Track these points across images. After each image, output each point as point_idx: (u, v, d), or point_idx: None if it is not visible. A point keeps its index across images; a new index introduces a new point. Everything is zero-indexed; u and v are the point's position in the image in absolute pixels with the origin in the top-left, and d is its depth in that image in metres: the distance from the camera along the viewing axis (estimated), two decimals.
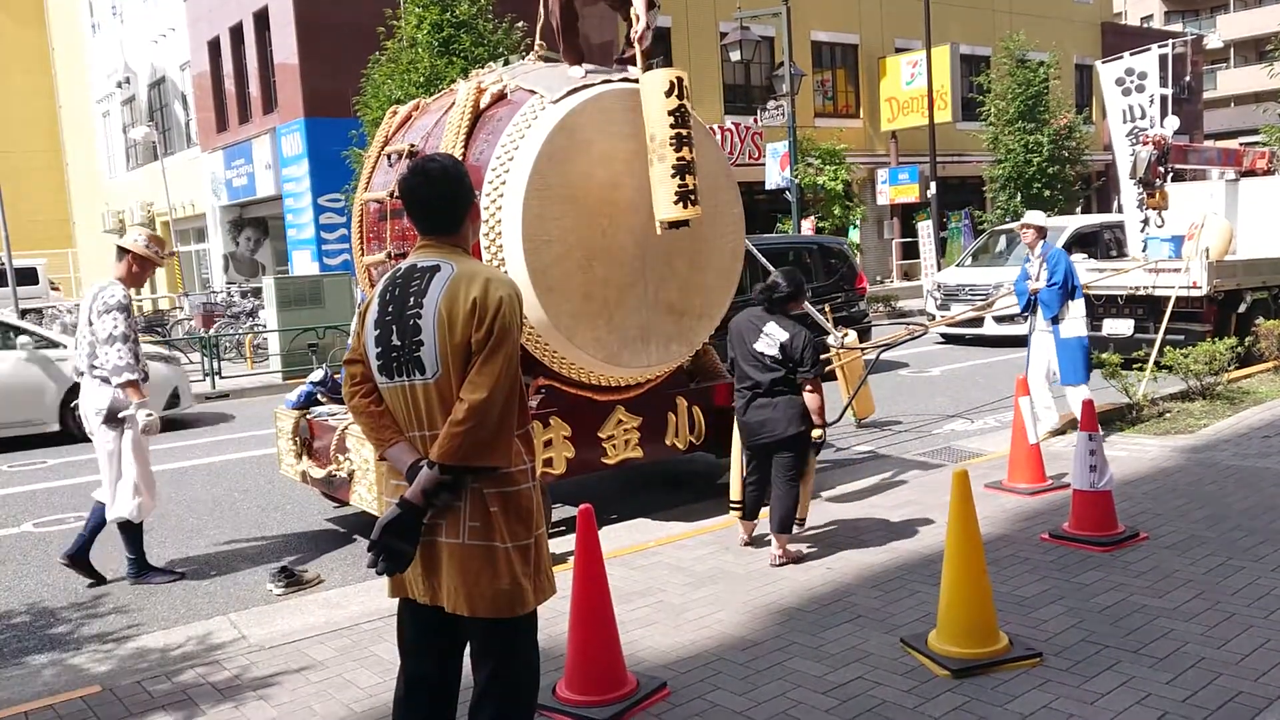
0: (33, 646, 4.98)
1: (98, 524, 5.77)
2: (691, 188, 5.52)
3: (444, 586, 2.69)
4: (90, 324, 5.58)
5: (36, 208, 37.19)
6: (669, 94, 5.51)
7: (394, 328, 2.69)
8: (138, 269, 5.72)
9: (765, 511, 5.43)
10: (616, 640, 3.78)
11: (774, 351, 5.25)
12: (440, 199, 2.77)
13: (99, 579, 5.85)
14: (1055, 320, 7.65)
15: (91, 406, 5.63)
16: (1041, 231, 7.86)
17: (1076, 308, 7.67)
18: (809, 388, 5.23)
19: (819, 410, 5.25)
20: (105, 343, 5.48)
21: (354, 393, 2.81)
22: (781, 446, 5.30)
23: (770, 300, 5.42)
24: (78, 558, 5.77)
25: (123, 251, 5.70)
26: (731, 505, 5.80)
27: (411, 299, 2.67)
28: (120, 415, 5.60)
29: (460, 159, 5.71)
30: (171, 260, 6.31)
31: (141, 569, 5.86)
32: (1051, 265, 7.62)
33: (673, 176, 5.50)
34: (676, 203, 5.49)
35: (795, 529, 5.48)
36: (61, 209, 39.95)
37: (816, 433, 5.28)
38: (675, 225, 5.62)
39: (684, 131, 5.52)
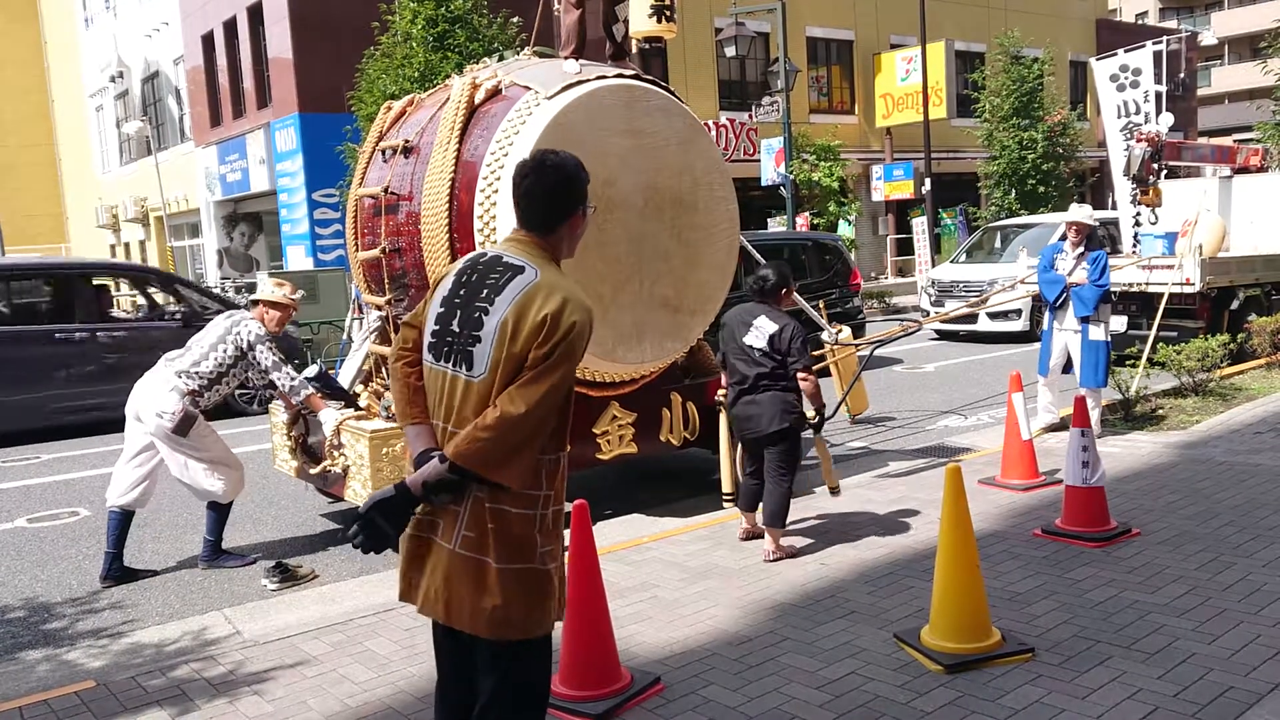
0: (27, 642, 4.98)
1: (118, 529, 5.76)
2: (670, 3, 5.30)
3: (425, 588, 2.60)
4: (221, 344, 5.73)
5: (30, 202, 37.14)
6: None
7: (459, 313, 2.59)
8: (276, 313, 5.91)
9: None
10: (610, 635, 3.79)
11: (762, 344, 5.29)
12: (546, 193, 2.64)
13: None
14: (1085, 320, 7.62)
15: (155, 407, 5.61)
16: (1086, 229, 7.81)
17: (1106, 312, 7.64)
18: (801, 376, 5.23)
19: (814, 395, 5.25)
20: (271, 370, 5.76)
21: (401, 357, 2.72)
22: (768, 442, 5.34)
23: (761, 292, 5.46)
24: (116, 574, 5.77)
25: (255, 303, 5.97)
26: (724, 498, 5.82)
27: (485, 291, 2.57)
28: (189, 418, 5.63)
29: (455, 155, 5.75)
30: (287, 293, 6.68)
31: (215, 553, 5.93)
32: (1099, 266, 7.56)
33: None
34: (651, 16, 5.26)
35: (834, 496, 5.64)
36: (55, 204, 39.87)
37: (810, 413, 5.28)
38: (650, 41, 5.43)
39: None
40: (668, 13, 5.32)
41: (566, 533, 3.18)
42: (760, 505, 5.53)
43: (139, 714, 3.85)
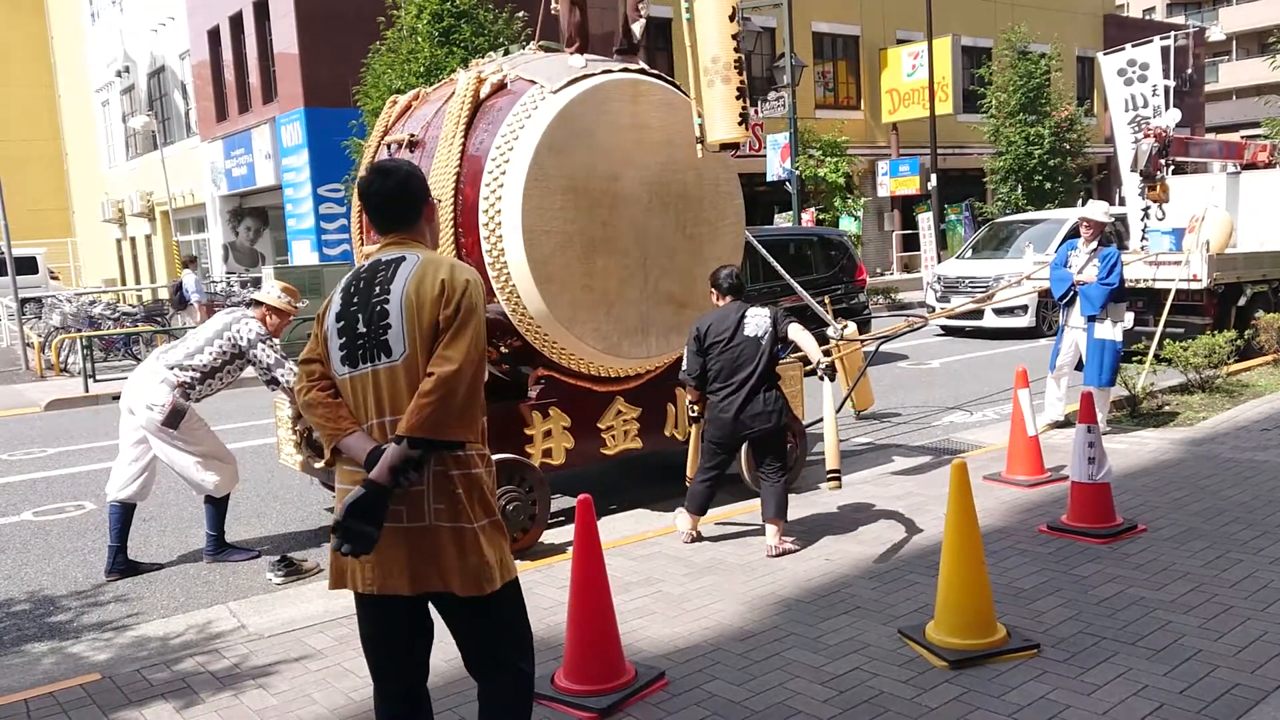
0: (33, 635, 5.00)
1: (119, 523, 5.76)
2: (748, 111, 5.59)
3: (405, 571, 2.66)
4: (218, 338, 5.76)
5: (36, 197, 37.14)
6: (731, 19, 5.54)
7: (359, 316, 2.71)
8: (276, 319, 5.95)
9: (728, 509, 5.46)
10: (615, 630, 3.79)
11: (763, 331, 5.37)
12: (396, 194, 2.82)
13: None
14: (1092, 319, 7.57)
15: (145, 399, 5.61)
16: (1100, 226, 7.76)
17: (1117, 311, 7.58)
18: (795, 329, 5.41)
19: (814, 346, 5.46)
20: (275, 366, 5.78)
21: (310, 388, 2.78)
22: (774, 438, 5.40)
23: (737, 289, 5.53)
24: (120, 568, 5.77)
25: (258, 303, 5.97)
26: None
27: (378, 288, 2.71)
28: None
29: (461, 149, 5.74)
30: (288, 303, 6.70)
31: (219, 547, 5.95)
32: (1108, 265, 7.50)
33: (737, 99, 5.51)
34: (740, 124, 5.53)
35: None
36: (61, 198, 39.91)
37: (823, 360, 5.41)
38: (727, 148, 5.65)
39: (742, 56, 5.59)
40: (749, 120, 5.61)
41: (570, 528, 3.20)
42: (706, 508, 5.65)
43: (144, 707, 3.86)
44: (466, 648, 2.84)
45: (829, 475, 5.29)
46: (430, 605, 2.80)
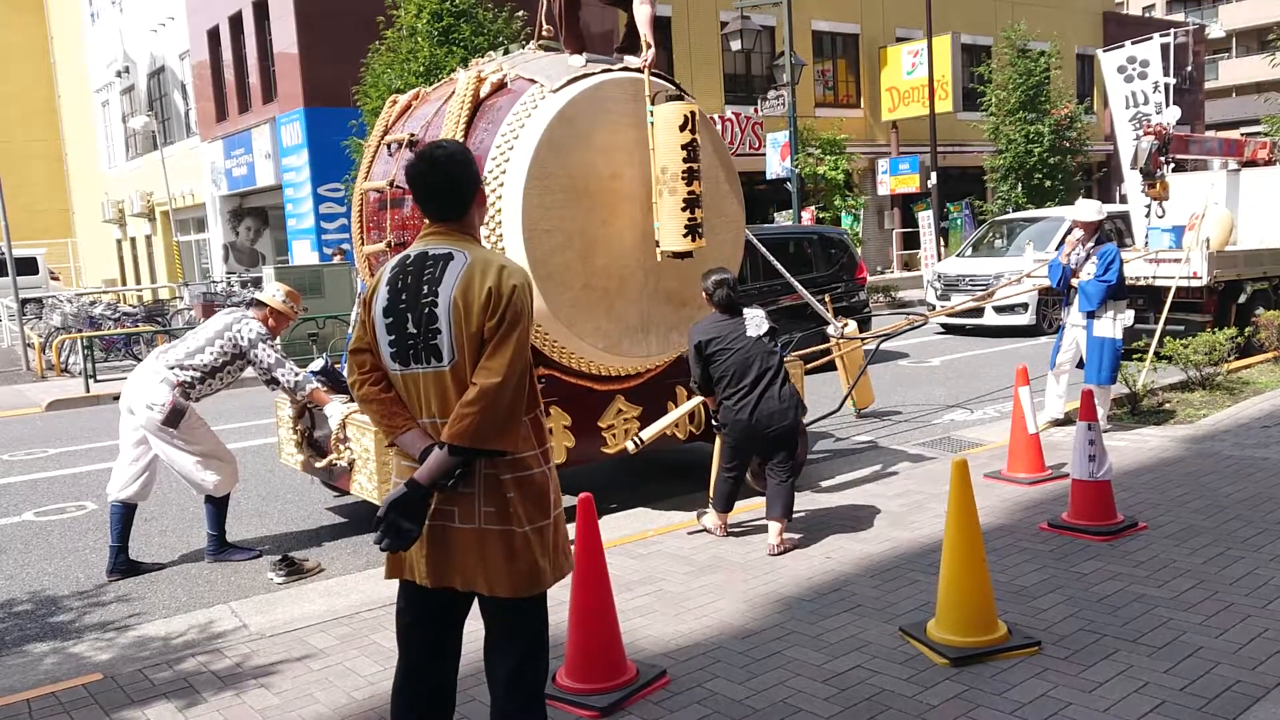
0: (34, 635, 5.00)
1: (120, 523, 5.76)
2: (699, 221, 5.65)
3: (456, 569, 2.71)
4: (219, 338, 5.75)
5: (36, 197, 37.18)
6: (683, 128, 5.59)
7: (409, 315, 2.69)
8: (274, 322, 5.95)
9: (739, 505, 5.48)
10: (616, 628, 3.80)
11: (765, 329, 5.42)
12: (446, 186, 2.77)
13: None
14: (1091, 315, 7.55)
15: (145, 399, 5.61)
16: (1093, 225, 7.70)
17: (1116, 308, 7.56)
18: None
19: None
20: (276, 366, 5.78)
21: (363, 380, 2.79)
22: (788, 436, 5.39)
23: (734, 308, 5.50)
24: (122, 568, 5.76)
25: (260, 304, 5.97)
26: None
27: (425, 287, 2.68)
28: (180, 410, 5.64)
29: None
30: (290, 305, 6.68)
31: (220, 546, 5.95)
32: (1106, 261, 7.47)
33: (683, 210, 5.61)
34: (685, 235, 5.62)
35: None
36: (61, 199, 39.93)
37: None
38: (679, 256, 5.72)
39: (695, 166, 5.63)
40: (699, 230, 5.65)
41: (570, 527, 3.21)
42: (733, 503, 5.64)
43: (146, 707, 3.86)
44: (491, 646, 2.85)
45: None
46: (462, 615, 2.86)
